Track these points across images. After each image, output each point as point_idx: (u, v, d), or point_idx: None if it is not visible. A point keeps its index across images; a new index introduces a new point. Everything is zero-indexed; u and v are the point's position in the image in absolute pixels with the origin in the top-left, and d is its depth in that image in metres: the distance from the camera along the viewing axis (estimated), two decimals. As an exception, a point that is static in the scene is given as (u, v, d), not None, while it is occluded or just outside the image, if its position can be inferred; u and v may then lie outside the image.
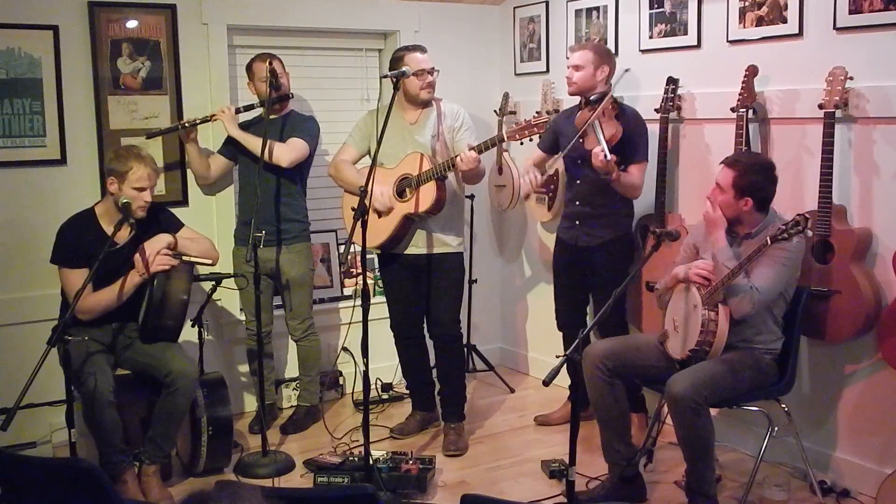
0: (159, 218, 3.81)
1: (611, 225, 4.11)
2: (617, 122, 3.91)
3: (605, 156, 3.71)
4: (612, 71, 4.07)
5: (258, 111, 4.34)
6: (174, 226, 3.84)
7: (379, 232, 4.00)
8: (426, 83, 4.02)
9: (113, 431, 3.51)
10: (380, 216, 3.98)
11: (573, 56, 4.07)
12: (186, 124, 4.27)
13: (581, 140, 3.91)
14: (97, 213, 3.72)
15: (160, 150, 4.36)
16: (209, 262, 3.88)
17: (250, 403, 4.67)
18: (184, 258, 3.74)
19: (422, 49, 4.07)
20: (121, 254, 3.63)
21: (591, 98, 3.99)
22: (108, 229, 3.67)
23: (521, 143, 3.86)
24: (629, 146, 3.94)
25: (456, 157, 3.82)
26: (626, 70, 4.11)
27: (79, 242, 3.63)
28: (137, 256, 3.63)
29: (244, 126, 4.31)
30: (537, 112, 4.42)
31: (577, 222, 4.18)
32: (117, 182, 3.62)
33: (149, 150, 3.88)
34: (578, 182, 4.15)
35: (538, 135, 3.81)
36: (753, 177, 3.32)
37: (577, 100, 4.16)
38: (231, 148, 4.37)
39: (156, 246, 3.65)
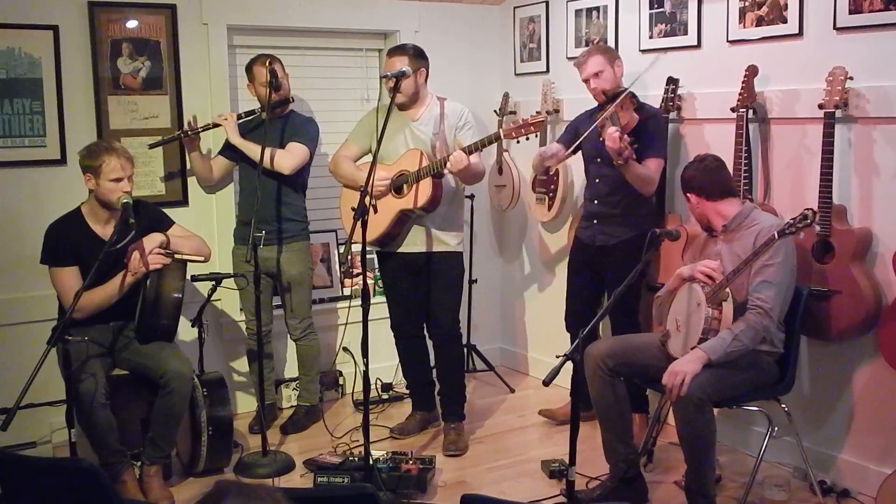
0: (150, 216, 3.80)
1: (629, 224, 4.04)
2: (634, 114, 3.89)
3: (619, 134, 3.67)
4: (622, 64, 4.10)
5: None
6: (165, 224, 3.84)
7: (374, 226, 3.98)
8: (388, 87, 3.89)
9: (107, 433, 3.51)
10: (376, 210, 3.97)
11: (587, 65, 4.02)
12: (189, 132, 4.27)
13: (600, 137, 3.89)
14: (83, 212, 3.72)
15: (161, 154, 4.37)
16: (201, 259, 3.88)
17: (250, 403, 4.66)
18: (176, 256, 3.74)
19: (389, 52, 4.04)
20: (113, 252, 3.62)
21: (611, 94, 3.98)
22: (96, 228, 3.68)
23: (518, 142, 3.86)
24: (644, 138, 3.86)
25: (448, 156, 3.80)
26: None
27: (66, 241, 3.63)
28: (130, 256, 3.62)
29: (245, 127, 4.31)
30: (537, 112, 4.42)
31: (595, 221, 4.14)
32: (94, 178, 3.61)
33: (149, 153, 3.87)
34: (597, 181, 4.13)
35: (535, 133, 3.81)
36: (685, 174, 3.50)
37: (585, 102, 4.16)
38: (231, 150, 4.36)
39: (148, 245, 3.65)
